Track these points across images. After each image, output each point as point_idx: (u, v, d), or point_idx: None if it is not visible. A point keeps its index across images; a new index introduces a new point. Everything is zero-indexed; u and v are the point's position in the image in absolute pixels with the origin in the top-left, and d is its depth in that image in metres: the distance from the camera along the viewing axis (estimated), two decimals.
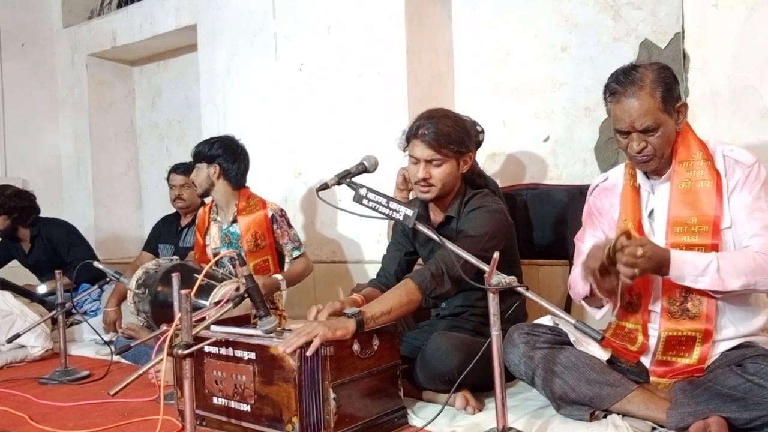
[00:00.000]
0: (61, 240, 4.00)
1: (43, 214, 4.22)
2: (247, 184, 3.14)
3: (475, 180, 2.34)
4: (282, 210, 3.12)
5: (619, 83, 1.83)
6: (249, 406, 1.89)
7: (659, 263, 1.71)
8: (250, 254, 2.98)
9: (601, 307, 1.97)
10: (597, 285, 1.75)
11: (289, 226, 3.12)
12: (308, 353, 1.76)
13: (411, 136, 2.21)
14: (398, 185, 2.81)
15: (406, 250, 2.46)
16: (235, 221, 3.06)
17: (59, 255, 3.96)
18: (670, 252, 1.73)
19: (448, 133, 2.16)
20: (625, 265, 1.66)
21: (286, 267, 3.17)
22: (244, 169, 3.11)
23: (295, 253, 3.11)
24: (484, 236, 2.11)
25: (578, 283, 1.97)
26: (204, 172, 3.04)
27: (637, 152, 1.84)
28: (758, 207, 1.79)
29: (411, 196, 2.77)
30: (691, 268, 1.72)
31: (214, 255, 3.07)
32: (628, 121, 1.81)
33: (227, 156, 3.03)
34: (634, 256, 1.65)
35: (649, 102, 1.79)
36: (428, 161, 2.18)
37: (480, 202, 2.23)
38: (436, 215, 2.34)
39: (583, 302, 2.00)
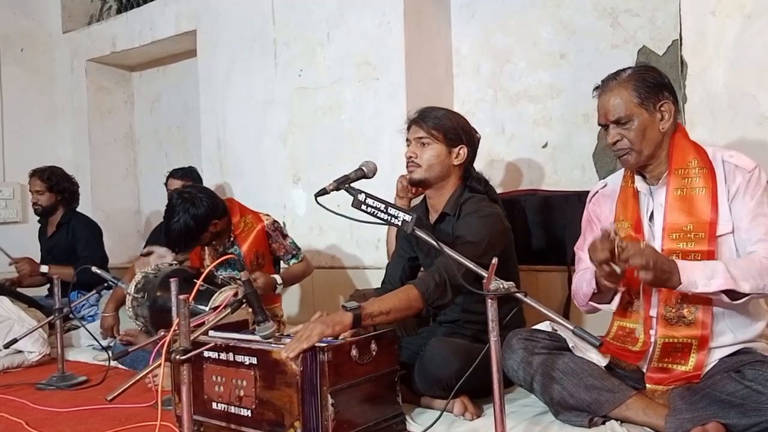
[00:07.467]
0: (81, 237, 4.02)
1: (40, 218, 4.22)
2: (231, 197, 3.08)
3: (474, 185, 2.34)
4: (275, 222, 3.11)
5: (603, 81, 1.93)
6: (249, 411, 1.88)
7: (667, 266, 1.70)
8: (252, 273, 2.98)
9: (610, 301, 1.96)
10: (606, 274, 1.74)
11: (284, 236, 3.11)
12: (305, 345, 1.77)
13: (410, 120, 2.35)
14: (398, 192, 2.81)
15: (409, 256, 2.47)
16: (233, 244, 3.04)
17: (75, 250, 3.99)
18: (676, 261, 1.73)
19: (439, 118, 2.29)
20: (635, 256, 1.65)
21: None
22: (228, 213, 3.00)
23: (293, 262, 3.11)
24: (482, 242, 2.11)
25: (581, 286, 1.97)
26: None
27: (612, 144, 1.90)
28: (762, 212, 1.79)
29: (412, 204, 2.78)
30: (700, 272, 1.72)
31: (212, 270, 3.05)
32: (602, 112, 1.91)
33: (215, 220, 2.90)
34: (639, 248, 1.66)
35: (622, 93, 1.86)
36: (418, 139, 2.29)
37: (475, 207, 2.24)
38: (434, 212, 2.35)
39: (592, 304, 1.99)
